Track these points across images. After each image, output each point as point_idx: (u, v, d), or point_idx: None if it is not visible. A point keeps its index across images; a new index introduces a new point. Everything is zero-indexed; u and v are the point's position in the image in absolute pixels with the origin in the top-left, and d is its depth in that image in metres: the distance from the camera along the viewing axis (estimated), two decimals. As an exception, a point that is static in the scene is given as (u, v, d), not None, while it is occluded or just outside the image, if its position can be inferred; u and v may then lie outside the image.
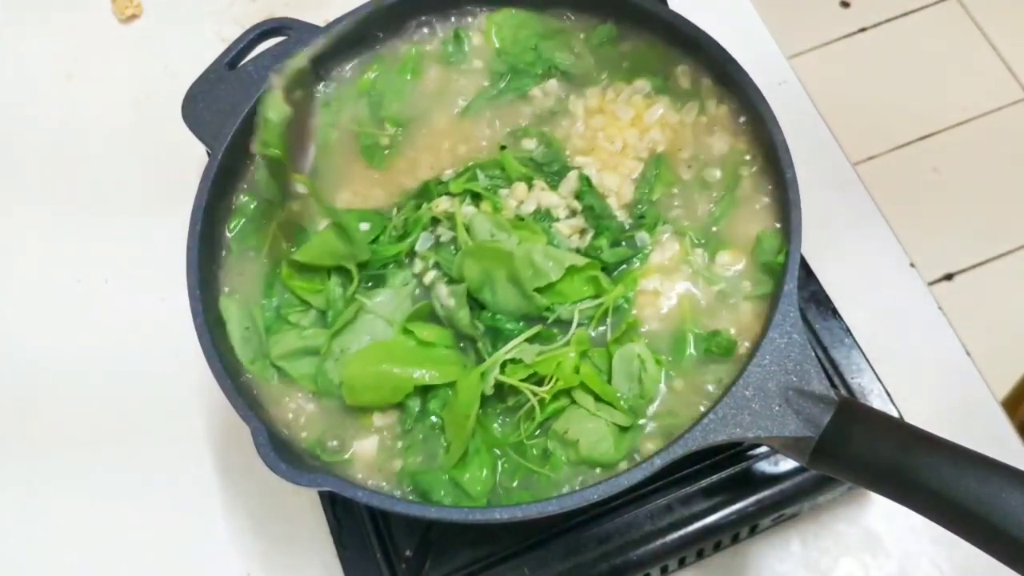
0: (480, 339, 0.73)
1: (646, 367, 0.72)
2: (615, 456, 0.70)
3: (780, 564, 0.85)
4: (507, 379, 0.71)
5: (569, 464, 0.71)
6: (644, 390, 0.72)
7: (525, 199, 0.79)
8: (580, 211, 0.79)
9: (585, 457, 0.70)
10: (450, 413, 0.72)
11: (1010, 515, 0.56)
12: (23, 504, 0.93)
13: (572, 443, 0.70)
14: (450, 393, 0.72)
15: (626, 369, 0.72)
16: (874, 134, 2.15)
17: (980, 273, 2.02)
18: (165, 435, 0.94)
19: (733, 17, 1.14)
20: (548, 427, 0.72)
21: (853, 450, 0.63)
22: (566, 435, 0.71)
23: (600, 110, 0.85)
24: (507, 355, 0.71)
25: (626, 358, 0.72)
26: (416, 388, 0.72)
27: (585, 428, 0.70)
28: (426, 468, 0.71)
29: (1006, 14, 2.32)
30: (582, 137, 0.85)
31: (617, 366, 0.73)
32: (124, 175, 1.10)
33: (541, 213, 0.78)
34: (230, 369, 0.72)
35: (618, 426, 0.71)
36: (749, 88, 0.79)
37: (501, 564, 0.78)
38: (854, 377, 0.85)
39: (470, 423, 0.70)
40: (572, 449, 0.71)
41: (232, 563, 0.89)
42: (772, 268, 0.75)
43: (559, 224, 0.78)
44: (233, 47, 0.85)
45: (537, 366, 0.71)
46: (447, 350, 0.74)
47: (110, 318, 1.01)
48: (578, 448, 0.70)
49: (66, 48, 1.20)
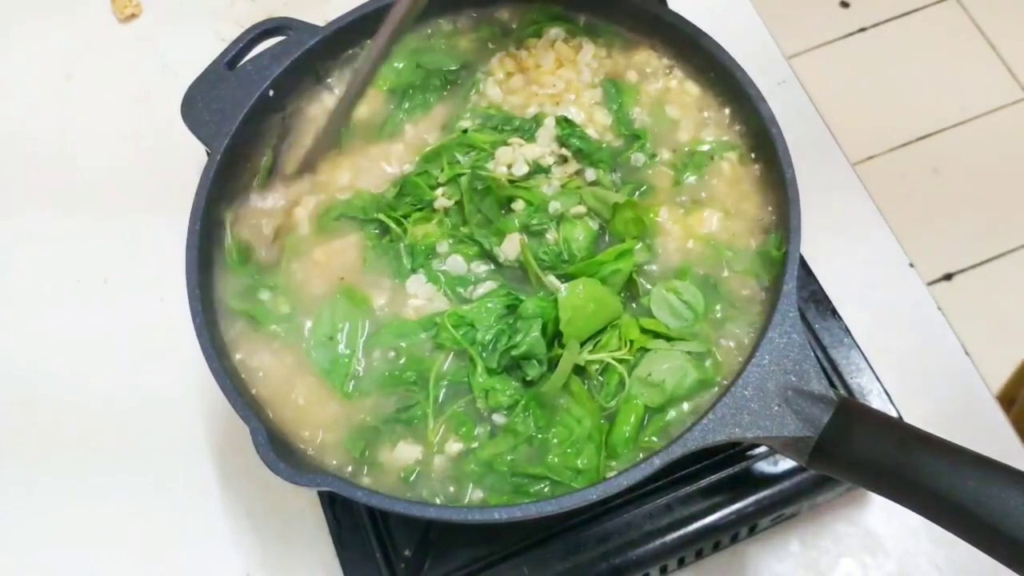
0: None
1: (682, 296, 0.75)
2: (711, 375, 0.73)
3: (779, 564, 0.85)
4: (595, 355, 0.73)
5: (654, 408, 0.72)
6: (697, 313, 0.75)
7: (513, 161, 0.80)
8: (570, 156, 0.81)
9: (672, 394, 0.72)
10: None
11: (1009, 515, 0.56)
12: (22, 503, 0.93)
13: (658, 384, 0.72)
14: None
15: (668, 308, 0.75)
16: (873, 134, 2.15)
17: (979, 273, 2.02)
18: (164, 435, 0.94)
19: (733, 17, 1.14)
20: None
21: (852, 450, 0.63)
22: (650, 378, 0.72)
23: (520, 69, 0.87)
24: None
25: (660, 300, 0.75)
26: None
27: (666, 368, 0.72)
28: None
29: (1006, 14, 2.32)
30: (519, 95, 0.86)
31: (658, 312, 0.75)
32: (124, 175, 1.10)
33: (532, 168, 0.80)
34: (229, 369, 0.72)
35: (695, 355, 0.73)
36: (749, 88, 0.79)
37: (500, 564, 0.78)
38: (853, 377, 0.85)
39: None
40: (658, 390, 0.72)
41: (231, 563, 0.89)
42: (771, 258, 0.75)
43: (554, 172, 0.80)
44: (232, 47, 0.85)
45: (606, 342, 0.73)
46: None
47: (110, 318, 1.01)
48: (664, 387, 0.72)
49: (65, 48, 1.20)
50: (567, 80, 0.86)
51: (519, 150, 0.81)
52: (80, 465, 0.94)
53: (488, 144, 0.82)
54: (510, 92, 0.87)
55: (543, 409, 0.72)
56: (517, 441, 0.72)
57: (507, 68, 0.88)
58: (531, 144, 0.81)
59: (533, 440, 0.72)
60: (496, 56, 0.89)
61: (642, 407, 0.72)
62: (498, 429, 0.72)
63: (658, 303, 0.76)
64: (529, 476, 0.70)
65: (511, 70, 0.88)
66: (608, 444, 0.71)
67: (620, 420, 0.72)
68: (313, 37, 0.85)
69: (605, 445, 0.71)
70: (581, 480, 0.70)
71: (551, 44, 0.88)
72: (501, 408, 0.72)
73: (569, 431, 0.71)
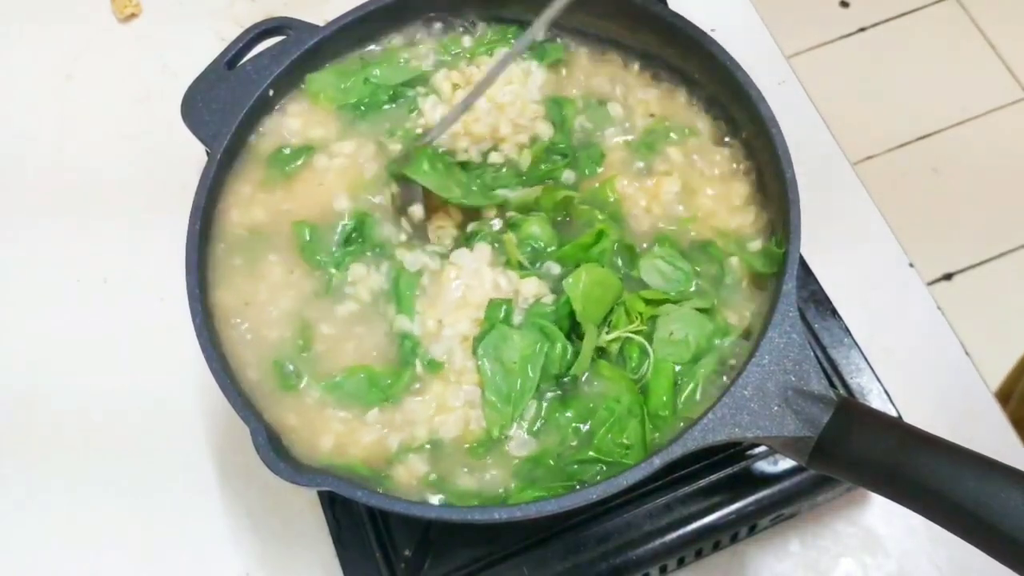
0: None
1: (668, 261, 0.77)
2: (725, 325, 0.74)
3: (779, 564, 0.85)
4: (612, 335, 0.74)
5: (682, 364, 0.73)
6: (686, 273, 0.77)
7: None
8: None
9: (696, 346, 0.73)
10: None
11: (1009, 515, 0.56)
12: (22, 503, 0.93)
13: (681, 340, 0.73)
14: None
15: (659, 274, 0.77)
16: (873, 134, 2.15)
17: (979, 273, 2.02)
18: (164, 434, 0.94)
19: (733, 17, 1.14)
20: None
21: (852, 450, 0.63)
22: (672, 337, 0.74)
23: (467, 83, 0.87)
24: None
25: (649, 269, 0.77)
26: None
27: (683, 324, 0.74)
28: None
29: (1005, 14, 2.33)
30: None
31: (652, 281, 0.77)
32: (123, 175, 1.10)
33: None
34: (229, 369, 0.72)
35: (704, 310, 0.75)
36: (749, 88, 0.79)
37: (500, 564, 0.78)
38: (853, 377, 0.85)
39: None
40: (683, 345, 0.73)
41: (231, 563, 0.89)
42: (771, 253, 0.76)
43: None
44: (232, 47, 0.85)
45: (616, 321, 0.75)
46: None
47: (109, 318, 1.01)
48: (687, 341, 0.73)
49: (65, 48, 1.20)
50: (515, 95, 0.86)
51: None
52: (80, 465, 0.94)
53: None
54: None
55: (576, 404, 0.73)
56: (563, 436, 0.72)
57: (453, 80, 0.87)
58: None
59: (579, 432, 0.72)
60: (442, 72, 0.88)
61: (671, 366, 0.73)
62: (538, 433, 0.73)
63: (648, 273, 0.77)
64: (579, 462, 0.71)
65: (457, 82, 0.87)
66: (649, 414, 0.72)
67: (654, 387, 0.72)
68: (313, 37, 0.85)
69: (647, 417, 0.72)
70: (631, 456, 0.70)
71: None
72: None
73: (610, 412, 0.72)
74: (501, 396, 0.72)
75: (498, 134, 0.84)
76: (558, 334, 0.73)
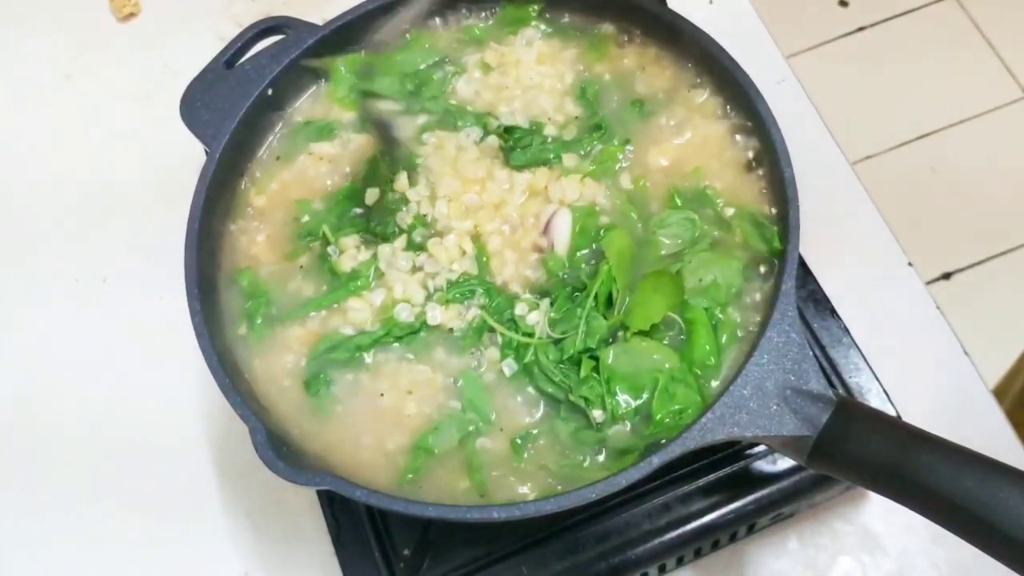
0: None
1: (677, 215, 0.80)
2: (748, 262, 0.76)
3: (778, 563, 0.85)
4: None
5: (715, 304, 0.75)
6: (695, 222, 0.79)
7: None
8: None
9: (727, 286, 0.75)
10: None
11: (1008, 515, 0.56)
12: (21, 502, 0.93)
13: (712, 284, 0.75)
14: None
15: (670, 233, 0.79)
16: (872, 133, 2.15)
17: (978, 272, 2.02)
18: (164, 434, 0.94)
19: (732, 17, 1.14)
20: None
21: (851, 449, 0.63)
22: (702, 283, 0.76)
23: (500, 63, 0.88)
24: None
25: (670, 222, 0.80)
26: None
27: (709, 267, 0.76)
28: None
29: (1005, 14, 2.33)
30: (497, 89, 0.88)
31: (665, 240, 0.79)
32: (122, 174, 1.10)
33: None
34: (228, 368, 0.72)
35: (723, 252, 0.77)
36: (748, 87, 0.79)
37: (499, 563, 0.78)
38: (852, 376, 0.85)
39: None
40: (714, 288, 0.75)
41: (231, 562, 0.89)
42: (766, 236, 0.76)
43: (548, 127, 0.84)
44: (231, 46, 0.85)
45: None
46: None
47: (109, 318, 1.01)
48: (718, 283, 0.75)
49: (64, 48, 1.20)
50: (545, 75, 0.88)
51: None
52: (79, 465, 0.94)
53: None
54: (486, 88, 0.88)
55: (625, 377, 0.73)
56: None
57: (487, 60, 0.88)
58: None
59: (640, 410, 0.72)
60: (471, 54, 0.89)
61: (702, 313, 0.74)
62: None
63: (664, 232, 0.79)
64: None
65: (491, 63, 0.88)
66: (693, 366, 0.73)
67: (695, 338, 0.74)
68: (312, 36, 0.85)
69: (692, 372, 0.73)
70: (688, 416, 0.70)
71: (529, 44, 0.89)
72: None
73: (655, 380, 0.72)
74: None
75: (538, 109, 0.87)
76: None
